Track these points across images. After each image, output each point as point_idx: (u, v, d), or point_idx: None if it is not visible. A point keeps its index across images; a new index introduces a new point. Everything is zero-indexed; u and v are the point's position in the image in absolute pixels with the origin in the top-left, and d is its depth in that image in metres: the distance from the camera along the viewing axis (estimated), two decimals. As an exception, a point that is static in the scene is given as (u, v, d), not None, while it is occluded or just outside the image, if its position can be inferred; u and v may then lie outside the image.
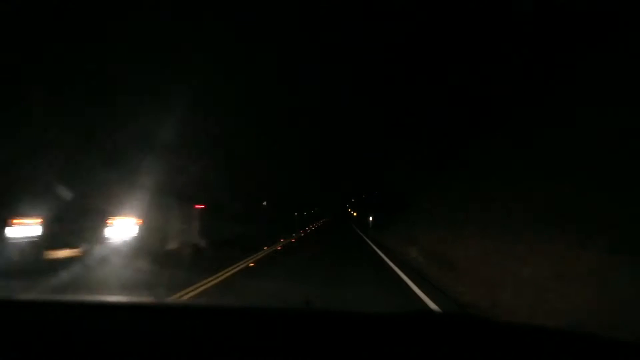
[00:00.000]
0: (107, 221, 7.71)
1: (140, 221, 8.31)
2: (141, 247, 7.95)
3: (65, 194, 6.38)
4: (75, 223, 6.96)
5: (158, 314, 1.18)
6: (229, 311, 1.24)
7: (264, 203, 39.72)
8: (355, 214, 68.36)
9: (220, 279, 6.13)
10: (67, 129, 7.63)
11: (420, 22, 9.65)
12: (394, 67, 14.71)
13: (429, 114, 12.46)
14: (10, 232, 5.88)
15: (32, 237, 6.16)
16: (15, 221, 5.92)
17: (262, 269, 7.59)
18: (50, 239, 6.43)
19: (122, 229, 7.94)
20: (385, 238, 14.77)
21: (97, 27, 8.57)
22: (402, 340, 0.90)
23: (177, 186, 9.84)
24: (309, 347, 0.87)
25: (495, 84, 7.73)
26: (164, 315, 1.18)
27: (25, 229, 6.09)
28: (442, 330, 0.99)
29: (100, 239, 7.43)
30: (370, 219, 26.18)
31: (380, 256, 10.20)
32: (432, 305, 4.46)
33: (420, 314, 1.18)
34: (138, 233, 8.21)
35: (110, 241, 7.60)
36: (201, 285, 5.40)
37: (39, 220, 6.27)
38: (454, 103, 10.82)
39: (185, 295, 4.77)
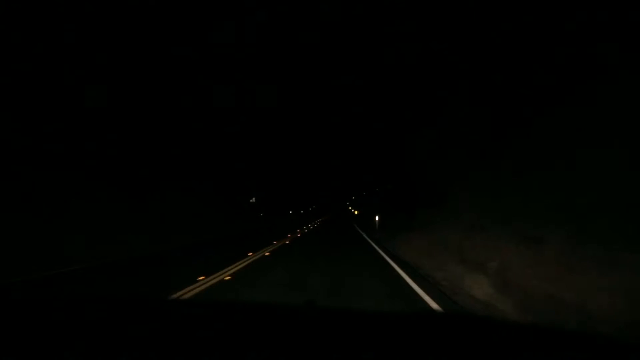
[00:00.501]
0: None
1: None
2: None
3: None
4: None
5: (159, 311, 1.20)
6: (230, 308, 1.27)
7: (252, 199, 35.10)
8: (356, 212, 63.75)
9: None
10: None
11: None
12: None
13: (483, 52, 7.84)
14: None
15: None
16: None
17: None
18: None
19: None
20: (403, 247, 9.96)
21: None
22: (403, 340, 0.90)
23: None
24: (310, 346, 0.83)
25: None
26: (165, 311, 1.20)
27: None
28: (444, 329, 0.99)
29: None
30: (377, 218, 21.43)
31: (413, 292, 5.36)
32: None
33: (421, 314, 1.32)
34: None
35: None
36: None
37: None
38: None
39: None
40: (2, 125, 9.61)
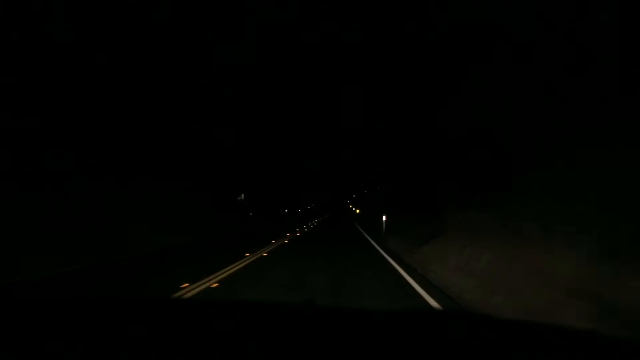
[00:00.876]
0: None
1: None
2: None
3: None
4: None
5: (159, 310, 1.18)
6: (230, 307, 1.26)
7: (241, 196, 31.31)
8: (358, 211, 60.08)
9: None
10: None
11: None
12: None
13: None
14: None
15: None
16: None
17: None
18: None
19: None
20: (447, 272, 6.33)
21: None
22: (402, 338, 0.88)
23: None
24: (309, 344, 0.81)
25: None
26: (166, 311, 1.18)
27: None
28: (444, 328, 0.99)
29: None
30: (384, 218, 17.90)
31: None
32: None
33: (421, 312, 1.30)
34: None
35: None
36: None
37: None
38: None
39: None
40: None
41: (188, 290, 5.10)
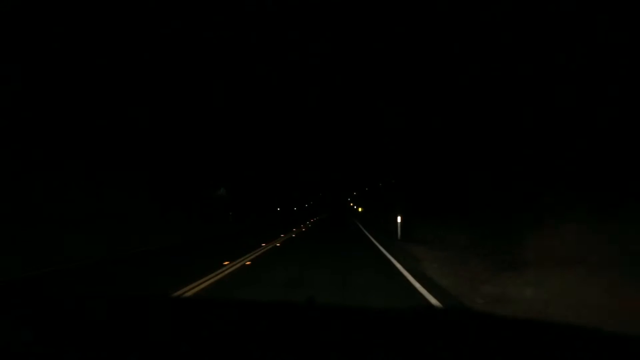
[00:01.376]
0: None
1: None
2: None
3: None
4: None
5: (161, 309, 1.17)
6: (229, 306, 1.24)
7: (221, 190, 26.52)
8: (360, 210, 55.40)
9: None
10: None
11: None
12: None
13: None
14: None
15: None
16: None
17: None
18: None
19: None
20: None
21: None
22: (402, 336, 0.87)
23: None
24: (309, 342, 0.81)
25: None
26: (167, 310, 1.18)
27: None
28: (445, 326, 0.98)
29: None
30: (399, 219, 13.40)
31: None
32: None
33: (421, 310, 1.20)
34: None
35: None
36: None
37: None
38: None
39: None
40: None
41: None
